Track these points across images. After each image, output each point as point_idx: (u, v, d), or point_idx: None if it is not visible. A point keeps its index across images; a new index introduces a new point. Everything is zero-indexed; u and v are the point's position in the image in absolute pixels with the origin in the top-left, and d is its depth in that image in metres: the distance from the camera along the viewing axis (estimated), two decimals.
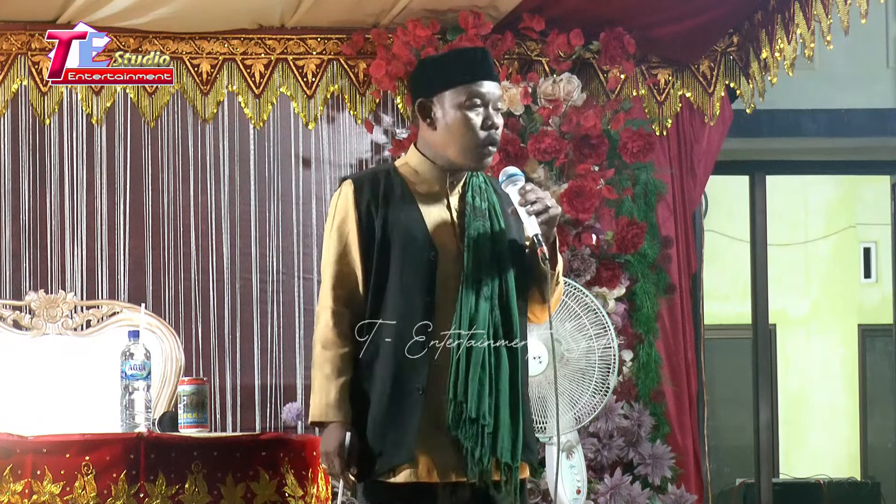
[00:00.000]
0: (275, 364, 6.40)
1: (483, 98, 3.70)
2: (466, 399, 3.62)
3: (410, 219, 3.70)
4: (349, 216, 3.73)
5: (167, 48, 6.38)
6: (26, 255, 6.30)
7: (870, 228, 11.88)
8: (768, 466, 8.23)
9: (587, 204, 6.17)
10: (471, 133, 3.70)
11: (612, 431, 6.17)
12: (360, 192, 3.72)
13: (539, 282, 3.74)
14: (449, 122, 3.71)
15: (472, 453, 3.64)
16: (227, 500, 3.93)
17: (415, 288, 3.66)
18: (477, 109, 3.70)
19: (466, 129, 3.70)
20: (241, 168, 6.47)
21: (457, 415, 3.63)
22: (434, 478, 3.64)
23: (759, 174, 8.14)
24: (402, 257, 3.68)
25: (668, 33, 6.43)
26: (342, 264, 3.74)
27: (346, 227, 3.73)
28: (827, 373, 12.20)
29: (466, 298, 3.66)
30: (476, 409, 3.63)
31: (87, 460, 3.84)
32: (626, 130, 6.31)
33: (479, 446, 3.64)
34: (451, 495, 3.66)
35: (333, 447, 3.64)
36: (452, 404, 3.63)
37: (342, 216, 3.74)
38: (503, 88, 6.23)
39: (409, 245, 3.68)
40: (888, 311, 9.64)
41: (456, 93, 3.70)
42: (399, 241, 3.69)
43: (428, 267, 3.67)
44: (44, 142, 6.35)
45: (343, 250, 3.74)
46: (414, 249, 3.68)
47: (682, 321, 6.54)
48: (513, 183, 3.73)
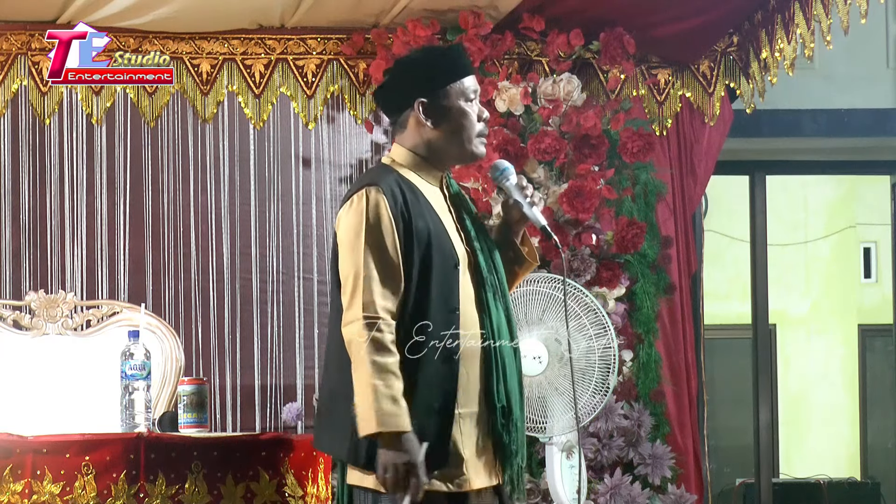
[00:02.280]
0: (275, 364, 6.39)
1: (476, 92, 3.76)
2: (510, 405, 3.65)
3: (438, 227, 3.68)
4: (385, 224, 3.60)
5: (167, 48, 6.38)
6: (26, 255, 6.30)
7: (870, 228, 11.87)
8: (768, 466, 8.23)
9: (587, 204, 6.16)
10: (472, 125, 3.74)
11: (612, 431, 6.17)
12: (394, 199, 3.63)
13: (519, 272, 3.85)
14: (454, 116, 3.72)
15: (515, 455, 3.67)
16: (227, 500, 3.93)
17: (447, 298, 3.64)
18: (473, 102, 3.75)
19: (469, 122, 3.73)
20: (241, 168, 6.46)
21: (505, 420, 3.64)
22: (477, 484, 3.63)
23: (759, 174, 8.13)
24: (436, 268, 3.63)
25: (668, 33, 6.43)
26: (385, 274, 3.58)
27: (385, 235, 3.60)
28: (827, 373, 12.20)
29: (492, 305, 3.68)
30: (520, 414, 3.68)
31: (87, 460, 3.84)
32: (626, 130, 6.31)
33: (521, 448, 3.68)
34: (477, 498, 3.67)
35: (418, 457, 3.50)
36: (499, 410, 3.63)
37: (379, 224, 3.60)
38: (503, 89, 6.24)
39: (441, 255, 3.64)
40: (888, 311, 9.64)
41: (458, 86, 3.73)
42: (435, 252, 3.63)
43: (453, 276, 3.66)
44: (44, 142, 6.35)
45: (385, 259, 3.59)
46: (443, 259, 3.65)
47: (682, 321, 6.54)
48: (507, 178, 3.80)
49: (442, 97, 3.72)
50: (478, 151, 3.76)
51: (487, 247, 3.76)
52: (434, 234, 3.64)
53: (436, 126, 3.72)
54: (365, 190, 3.63)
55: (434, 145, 3.75)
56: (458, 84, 3.73)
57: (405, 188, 3.67)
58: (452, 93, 3.72)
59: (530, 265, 3.87)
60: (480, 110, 3.76)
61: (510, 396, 3.66)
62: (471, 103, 3.74)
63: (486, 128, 3.78)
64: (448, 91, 3.72)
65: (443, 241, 3.66)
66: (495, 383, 3.64)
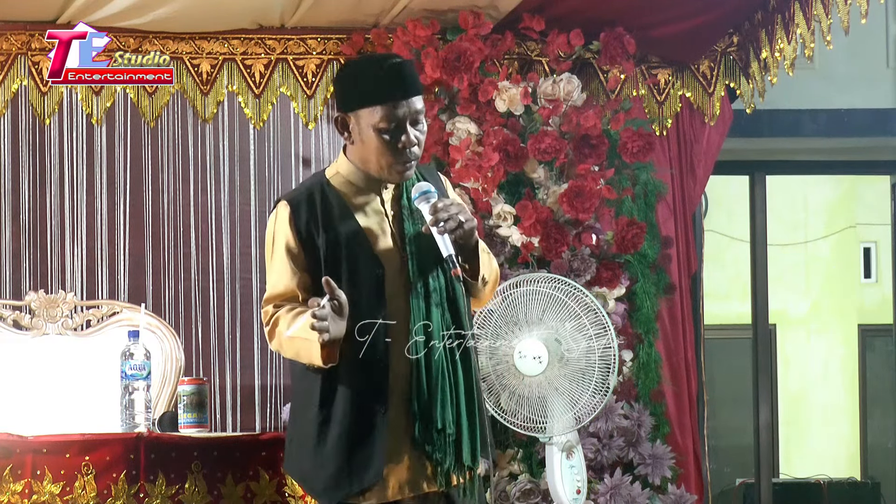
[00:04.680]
0: (275, 364, 6.39)
1: (397, 119, 3.61)
2: (432, 410, 3.61)
3: (352, 236, 3.66)
4: (290, 240, 3.66)
5: (167, 48, 6.38)
6: (26, 255, 6.30)
7: (870, 228, 11.88)
8: (768, 466, 8.23)
9: (587, 204, 6.16)
10: (386, 154, 3.64)
11: (612, 431, 6.17)
12: (298, 213, 3.66)
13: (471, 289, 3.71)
14: (364, 140, 3.65)
15: (441, 463, 3.64)
16: (227, 500, 3.94)
17: (367, 305, 3.62)
18: (391, 132, 3.62)
19: (382, 151, 3.64)
20: (241, 168, 6.46)
21: (423, 427, 3.62)
22: (406, 493, 3.63)
23: (759, 174, 8.14)
24: (351, 277, 3.63)
25: (668, 33, 6.43)
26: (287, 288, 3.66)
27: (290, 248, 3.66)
28: (827, 373, 12.20)
29: (417, 309, 3.63)
30: (441, 420, 3.62)
31: (87, 460, 3.85)
32: (626, 130, 6.30)
33: (446, 456, 3.63)
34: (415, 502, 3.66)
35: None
36: (418, 417, 3.61)
37: (283, 240, 3.67)
38: (503, 89, 6.23)
39: (356, 264, 3.65)
40: (888, 311, 9.64)
41: (370, 113, 3.62)
42: (346, 261, 3.64)
43: (376, 283, 3.64)
44: (44, 142, 6.35)
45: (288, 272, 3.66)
46: (361, 267, 3.64)
47: (682, 321, 6.54)
48: (425, 200, 3.65)
49: (352, 119, 3.66)
50: (391, 179, 3.68)
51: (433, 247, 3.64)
52: (348, 244, 3.64)
53: (353, 143, 3.69)
54: (277, 205, 3.72)
55: (357, 158, 3.71)
56: (369, 111, 3.62)
57: (327, 197, 3.67)
58: (362, 118, 3.64)
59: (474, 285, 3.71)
60: (401, 138, 3.61)
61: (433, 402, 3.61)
62: (388, 133, 3.61)
63: (410, 154, 3.64)
64: (358, 115, 3.64)
65: (362, 248, 3.64)
66: (415, 389, 3.62)
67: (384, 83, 3.63)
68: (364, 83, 3.64)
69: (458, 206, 3.62)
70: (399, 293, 3.65)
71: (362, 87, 3.64)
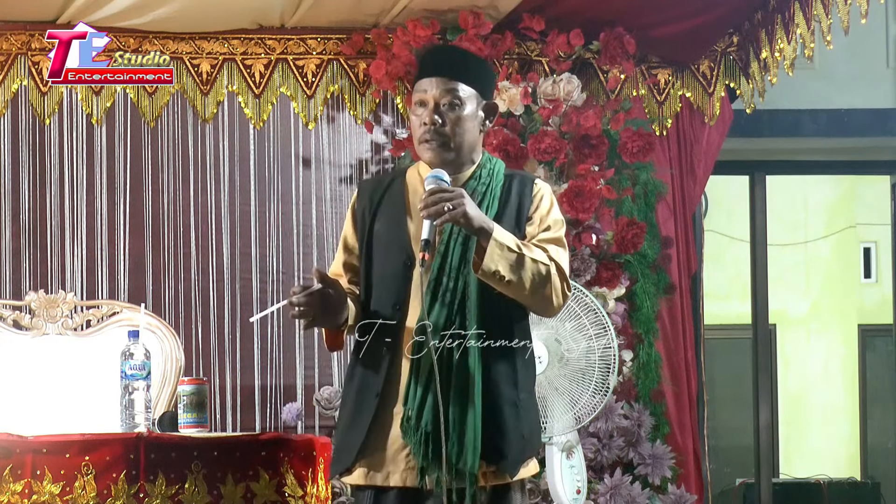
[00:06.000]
0: (275, 364, 6.40)
1: (423, 96, 3.71)
2: (414, 407, 3.63)
3: (393, 228, 3.73)
4: (348, 221, 3.86)
5: (167, 48, 6.38)
6: (26, 255, 6.30)
7: (870, 228, 11.88)
8: (768, 466, 8.23)
9: (587, 204, 6.17)
10: (416, 132, 3.74)
11: (612, 431, 6.17)
12: (361, 197, 3.84)
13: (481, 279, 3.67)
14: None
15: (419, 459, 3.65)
16: (227, 500, 3.93)
17: (389, 293, 3.70)
18: (420, 109, 3.72)
19: (413, 129, 3.76)
20: (241, 168, 6.47)
21: (405, 421, 3.66)
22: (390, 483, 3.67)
23: (759, 174, 8.14)
24: (383, 264, 3.73)
25: (668, 33, 6.43)
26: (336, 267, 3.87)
27: (347, 231, 3.86)
28: (827, 373, 12.20)
29: (426, 304, 3.65)
30: (416, 415, 3.63)
31: (87, 460, 3.84)
32: (626, 130, 6.31)
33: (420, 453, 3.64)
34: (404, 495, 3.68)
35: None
36: (405, 411, 3.65)
37: (346, 222, 3.88)
38: (503, 89, 6.24)
39: (389, 252, 3.72)
40: (888, 311, 9.64)
41: (415, 90, 3.76)
42: (380, 252, 3.75)
43: (402, 273, 3.69)
44: (44, 142, 6.36)
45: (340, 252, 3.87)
46: (392, 256, 3.71)
47: (682, 321, 6.55)
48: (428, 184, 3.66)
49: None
50: (422, 157, 3.76)
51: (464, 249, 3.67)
52: (388, 234, 3.73)
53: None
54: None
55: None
56: (416, 87, 3.76)
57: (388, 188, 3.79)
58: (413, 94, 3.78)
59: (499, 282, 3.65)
60: (425, 115, 3.69)
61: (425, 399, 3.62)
62: (418, 109, 3.72)
63: (429, 134, 3.69)
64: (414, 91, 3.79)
65: (396, 239, 3.71)
66: (405, 384, 3.65)
67: (421, 64, 3.81)
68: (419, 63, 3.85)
69: (454, 193, 3.58)
70: (418, 290, 3.67)
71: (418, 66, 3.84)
